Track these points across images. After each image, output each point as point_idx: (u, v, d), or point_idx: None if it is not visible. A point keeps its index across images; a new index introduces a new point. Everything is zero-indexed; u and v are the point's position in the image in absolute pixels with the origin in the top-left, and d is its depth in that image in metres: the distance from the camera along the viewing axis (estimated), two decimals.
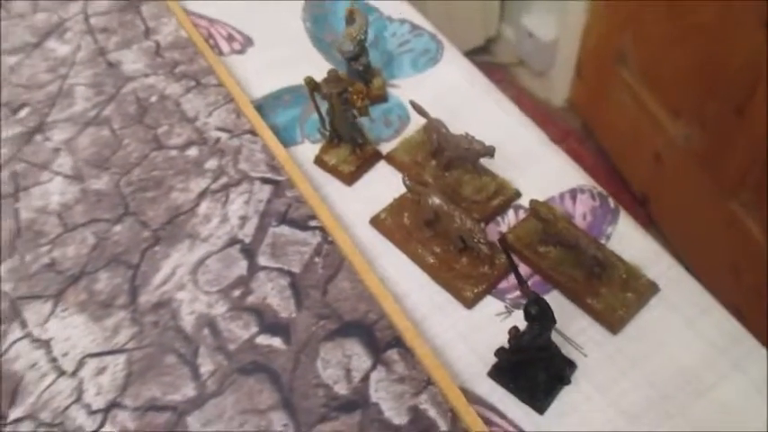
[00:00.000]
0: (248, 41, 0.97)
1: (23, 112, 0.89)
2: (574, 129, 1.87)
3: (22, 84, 0.92)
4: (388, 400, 0.61)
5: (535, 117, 0.88)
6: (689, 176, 1.41)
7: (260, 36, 0.97)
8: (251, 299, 0.69)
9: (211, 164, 0.80)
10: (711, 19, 1.23)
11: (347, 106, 0.76)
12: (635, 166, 1.65)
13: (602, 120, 1.77)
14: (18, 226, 0.78)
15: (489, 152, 0.73)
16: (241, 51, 0.96)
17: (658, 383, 0.62)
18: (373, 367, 0.63)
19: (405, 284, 0.70)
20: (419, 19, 0.98)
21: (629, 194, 1.66)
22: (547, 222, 0.68)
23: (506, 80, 2.05)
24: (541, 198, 0.73)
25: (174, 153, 0.82)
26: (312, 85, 0.76)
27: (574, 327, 0.65)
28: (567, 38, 1.78)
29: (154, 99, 0.88)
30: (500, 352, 0.63)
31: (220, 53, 0.96)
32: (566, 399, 0.61)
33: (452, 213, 0.68)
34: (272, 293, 0.69)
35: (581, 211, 0.75)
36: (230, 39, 0.98)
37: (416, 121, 0.83)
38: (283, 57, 0.94)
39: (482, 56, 2.09)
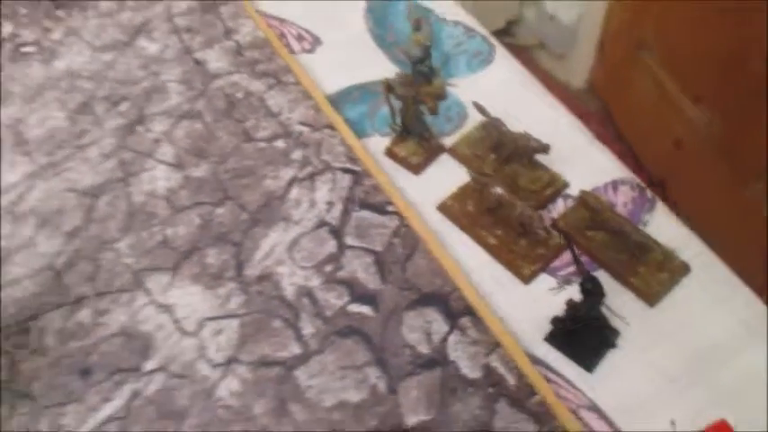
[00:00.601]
0: (317, 41, 1.07)
1: (123, 106, 1.00)
2: (593, 112, 1.95)
3: (119, 79, 1.03)
4: (463, 358, 0.73)
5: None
6: (709, 162, 1.48)
7: (327, 36, 1.08)
8: (342, 273, 0.81)
9: (297, 155, 0.92)
10: (733, 6, 1.29)
11: (417, 105, 0.87)
12: (654, 149, 1.72)
13: (622, 103, 1.84)
14: (131, 208, 0.89)
15: (545, 149, 0.84)
16: (311, 50, 1.06)
17: (689, 350, 0.73)
18: (450, 331, 0.75)
19: (470, 263, 0.82)
20: (471, 21, 1.08)
21: (647, 178, 1.74)
22: (595, 211, 0.80)
23: (527, 63, 2.12)
24: (587, 189, 0.84)
25: (262, 145, 0.93)
26: (388, 86, 0.86)
27: (617, 300, 0.76)
28: (588, 20, 1.83)
29: (240, 95, 0.99)
30: (556, 320, 0.75)
31: (291, 52, 1.06)
32: (611, 360, 0.73)
33: (514, 202, 0.80)
34: (360, 269, 0.81)
35: (622, 201, 0.86)
36: (300, 38, 1.08)
37: (473, 118, 0.93)
38: (349, 56, 1.04)
39: (503, 38, 2.15)
